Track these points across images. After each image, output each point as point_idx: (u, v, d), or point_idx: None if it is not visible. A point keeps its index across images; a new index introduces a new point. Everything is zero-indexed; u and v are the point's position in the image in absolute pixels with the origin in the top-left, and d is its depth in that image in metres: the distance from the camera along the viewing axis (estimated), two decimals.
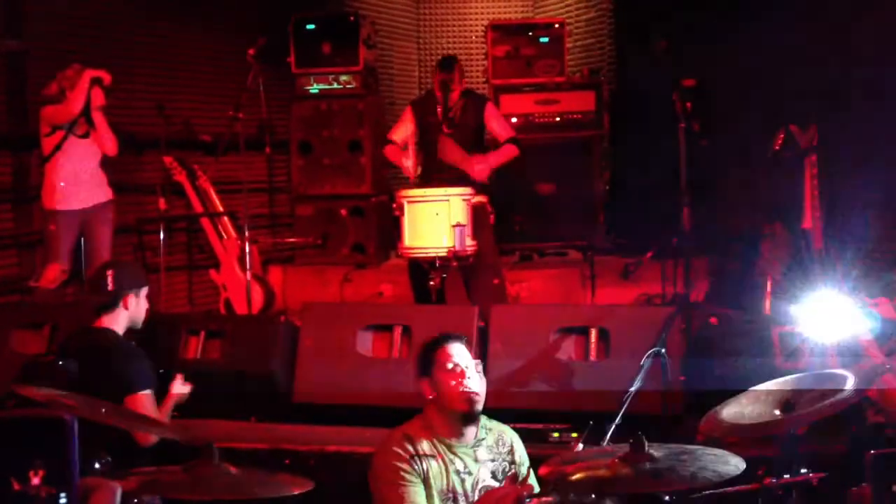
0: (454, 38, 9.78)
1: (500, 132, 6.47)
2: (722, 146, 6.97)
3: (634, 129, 7.95)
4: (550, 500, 3.16)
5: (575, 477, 3.18)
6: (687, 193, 5.75)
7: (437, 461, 3.38)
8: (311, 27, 7.97)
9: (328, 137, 8.01)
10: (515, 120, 7.76)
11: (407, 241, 5.69)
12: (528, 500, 3.20)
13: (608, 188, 8.11)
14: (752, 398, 3.32)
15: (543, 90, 8.05)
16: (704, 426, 3.21)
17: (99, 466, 3.58)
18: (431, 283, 5.65)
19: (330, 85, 8.00)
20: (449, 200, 5.60)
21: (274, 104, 7.50)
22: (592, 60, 8.94)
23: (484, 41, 8.35)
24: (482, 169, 6.17)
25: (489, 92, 7.99)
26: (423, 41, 9.82)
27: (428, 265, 5.69)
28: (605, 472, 3.16)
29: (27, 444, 2.55)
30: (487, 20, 8.76)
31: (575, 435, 4.63)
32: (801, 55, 6.77)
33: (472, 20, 9.71)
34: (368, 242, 7.96)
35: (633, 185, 7.96)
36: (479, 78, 8.61)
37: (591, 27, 9.06)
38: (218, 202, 7.12)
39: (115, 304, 4.28)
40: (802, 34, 6.76)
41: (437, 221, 5.60)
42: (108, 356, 4.14)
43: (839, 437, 3.92)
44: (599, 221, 7.96)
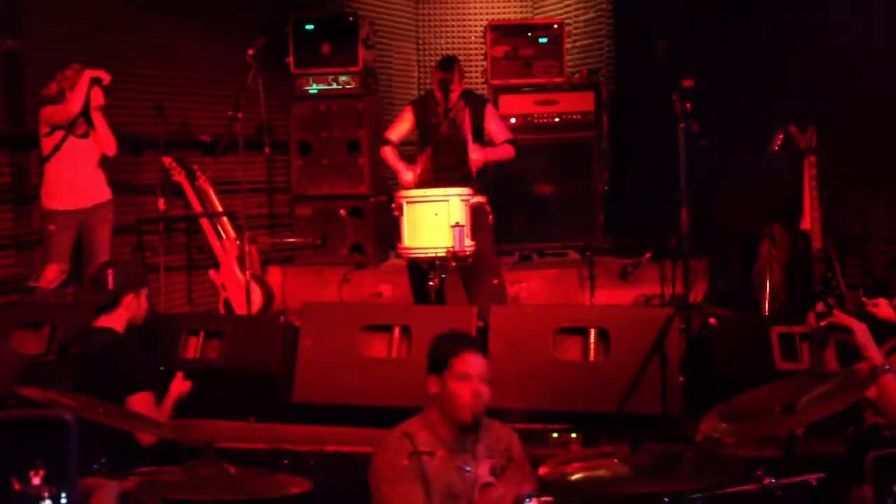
0: (453, 38, 9.78)
1: (497, 134, 6.48)
2: (721, 147, 6.98)
3: (633, 129, 7.96)
4: (550, 499, 3.16)
5: (574, 477, 3.19)
6: (686, 194, 5.75)
7: (436, 459, 3.38)
8: (310, 27, 7.97)
9: (327, 138, 8.01)
10: (514, 120, 7.76)
11: (406, 241, 5.69)
12: (527, 499, 3.20)
13: (607, 189, 8.10)
14: (751, 398, 3.32)
15: (542, 91, 8.05)
16: (704, 426, 3.22)
17: (99, 466, 3.59)
18: (430, 283, 5.65)
19: (329, 85, 8.01)
20: (448, 201, 5.61)
21: (273, 104, 7.50)
22: (591, 61, 8.94)
23: (483, 42, 8.34)
24: (478, 157, 6.19)
25: (488, 92, 7.99)
26: (422, 41, 9.82)
27: (427, 265, 5.69)
28: (604, 472, 3.17)
29: (27, 444, 2.54)
30: (486, 20, 8.75)
31: (574, 435, 4.65)
32: (801, 55, 6.78)
33: (471, 20, 9.71)
34: (367, 243, 7.96)
35: (632, 185, 7.97)
36: (478, 78, 8.61)
37: (590, 27, 9.07)
38: (217, 202, 7.11)
39: (114, 303, 4.28)
40: (802, 34, 6.77)
41: (436, 222, 5.59)
42: (108, 357, 4.14)
43: (838, 437, 3.92)
44: (598, 222, 7.95)
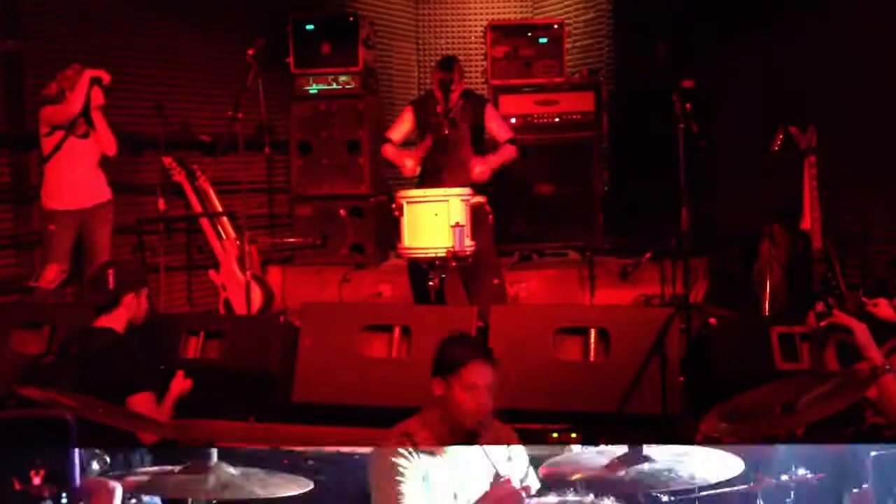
0: (453, 38, 9.78)
1: (499, 133, 6.47)
2: (721, 147, 6.98)
3: (633, 129, 7.95)
4: (549, 499, 3.17)
5: (574, 477, 3.20)
6: (686, 194, 5.75)
7: (436, 459, 3.39)
8: (310, 27, 7.97)
9: (327, 138, 8.00)
10: (514, 121, 7.75)
11: (406, 241, 5.69)
12: (527, 499, 3.21)
13: (607, 189, 8.10)
14: (751, 399, 3.33)
15: (542, 91, 8.05)
16: (704, 426, 3.22)
17: (99, 466, 3.59)
18: (430, 283, 5.65)
19: (329, 85, 8.00)
20: (448, 201, 5.60)
21: (273, 104, 7.50)
22: (591, 61, 8.93)
23: (483, 42, 8.34)
24: (482, 171, 6.17)
25: (488, 92, 7.98)
26: (422, 41, 9.82)
27: (427, 265, 5.69)
28: (604, 472, 3.18)
29: (28, 444, 2.55)
30: (486, 21, 8.74)
31: (574, 435, 4.65)
32: (800, 55, 6.78)
33: (471, 21, 9.71)
34: (367, 243, 7.95)
35: (632, 185, 7.97)
36: (478, 78, 8.61)
37: (590, 28, 9.06)
38: (217, 202, 7.11)
39: (115, 302, 4.29)
40: (802, 34, 6.77)
41: (436, 222, 5.59)
42: (108, 357, 4.14)
43: (838, 438, 3.92)
44: (598, 222, 7.95)
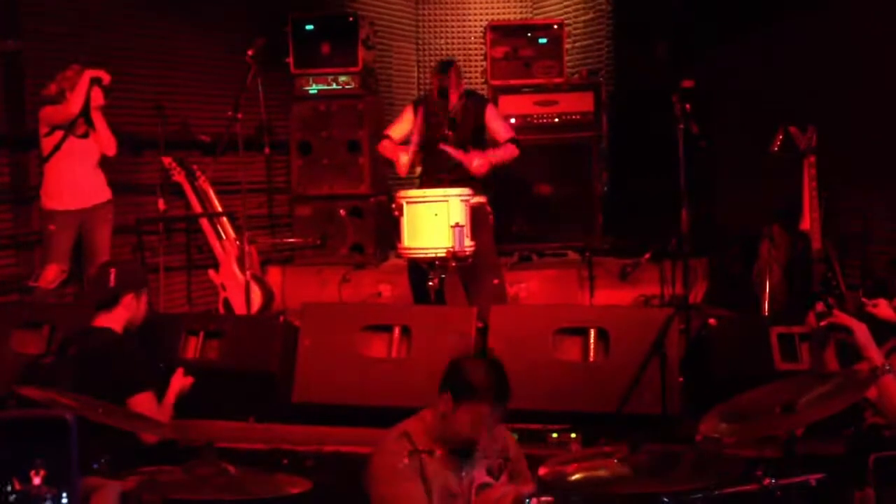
0: (453, 38, 9.78)
1: (500, 133, 6.45)
2: (720, 147, 6.99)
3: (633, 130, 7.96)
4: (549, 499, 3.16)
5: (574, 477, 3.19)
6: (685, 195, 5.75)
7: (434, 459, 3.39)
8: (309, 28, 7.97)
9: (327, 138, 8.01)
10: (514, 121, 7.75)
11: (406, 241, 5.69)
12: (527, 499, 3.20)
13: (607, 189, 8.11)
14: (750, 399, 3.33)
15: (542, 91, 8.05)
16: (704, 426, 3.22)
17: (99, 466, 3.59)
18: (430, 283, 5.65)
19: (329, 85, 8.00)
20: (448, 201, 5.61)
21: (273, 105, 7.50)
22: (591, 61, 8.93)
23: (483, 42, 8.33)
24: (480, 164, 6.14)
25: (488, 93, 7.98)
26: (421, 42, 9.82)
27: (427, 265, 5.70)
28: (603, 472, 3.18)
29: (27, 444, 2.54)
30: (486, 21, 8.75)
31: (574, 435, 4.65)
32: (800, 55, 6.78)
33: (470, 21, 9.71)
34: (367, 243, 7.95)
35: (631, 186, 7.97)
36: (477, 79, 8.61)
37: (589, 28, 9.06)
38: (217, 202, 7.11)
39: (114, 301, 4.29)
40: (802, 34, 6.78)
41: (435, 222, 5.60)
42: (108, 357, 4.14)
43: (837, 438, 3.93)
44: (598, 222, 7.95)
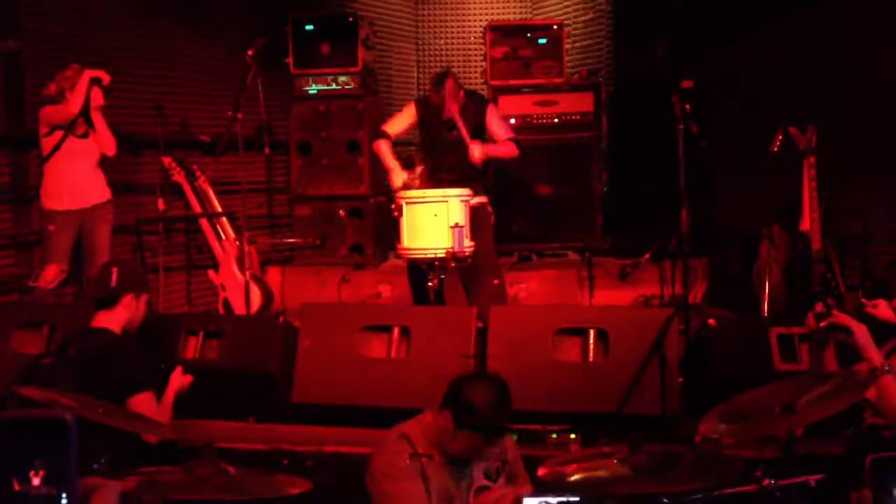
0: (453, 39, 9.78)
1: (499, 133, 6.44)
2: (720, 148, 6.99)
3: (633, 130, 7.95)
4: (549, 500, 3.16)
5: (573, 478, 3.19)
6: (685, 195, 5.75)
7: (433, 461, 3.39)
8: (309, 28, 7.97)
9: (327, 138, 8.01)
10: (514, 121, 7.75)
11: (405, 241, 5.69)
12: (524, 501, 3.20)
13: (606, 189, 8.11)
14: (750, 399, 3.33)
15: (542, 91, 8.05)
16: (703, 427, 3.22)
17: (98, 466, 3.59)
18: (430, 283, 5.65)
19: (328, 85, 8.00)
20: (447, 202, 5.61)
21: (273, 105, 7.50)
22: (591, 62, 8.94)
23: (482, 42, 8.33)
24: (479, 154, 6.13)
25: (488, 93, 7.98)
26: (421, 42, 9.82)
27: (426, 266, 5.70)
28: (603, 472, 3.18)
29: (27, 444, 2.54)
30: (486, 21, 8.75)
31: (574, 436, 4.65)
32: (800, 55, 6.79)
33: (470, 21, 9.71)
34: (367, 243, 7.95)
35: (631, 186, 7.97)
36: (477, 79, 8.61)
37: (589, 28, 9.07)
38: (216, 203, 7.11)
39: (114, 301, 4.29)
40: (802, 34, 6.78)
41: (435, 222, 5.60)
42: (107, 357, 4.14)
43: (837, 438, 3.93)
44: (598, 223, 7.95)
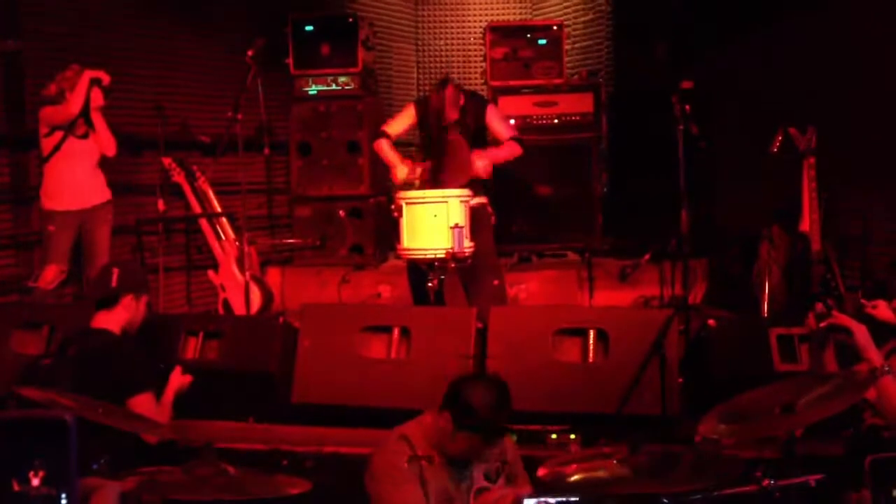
0: (452, 39, 9.78)
1: (501, 133, 6.42)
2: (720, 148, 6.99)
3: (633, 131, 7.96)
4: (549, 501, 3.16)
5: (573, 478, 3.19)
6: (685, 195, 5.75)
7: (432, 463, 3.39)
8: (309, 28, 7.97)
9: (327, 138, 8.01)
10: (514, 122, 7.75)
11: (405, 242, 5.69)
12: (524, 501, 3.21)
13: (606, 190, 8.11)
14: (750, 400, 3.33)
15: (542, 92, 8.04)
16: (703, 427, 3.22)
17: (98, 467, 3.59)
18: (430, 284, 5.65)
19: (328, 86, 8.00)
20: (447, 202, 5.60)
21: (273, 105, 7.49)
22: (591, 62, 8.94)
23: (482, 43, 8.33)
24: (484, 165, 6.13)
25: (487, 94, 7.98)
26: (421, 42, 9.82)
27: (426, 266, 5.69)
28: (603, 473, 3.18)
29: (27, 444, 2.54)
30: (486, 22, 8.75)
31: (573, 436, 4.65)
32: (800, 56, 6.79)
33: (470, 22, 9.71)
34: (367, 243, 7.95)
35: (631, 187, 7.97)
36: (477, 80, 8.62)
37: (589, 29, 9.07)
38: (216, 203, 7.11)
39: (114, 301, 4.30)
40: (802, 35, 6.78)
41: (435, 223, 5.59)
42: (107, 358, 4.14)
43: (837, 439, 3.93)
44: (597, 223, 7.95)
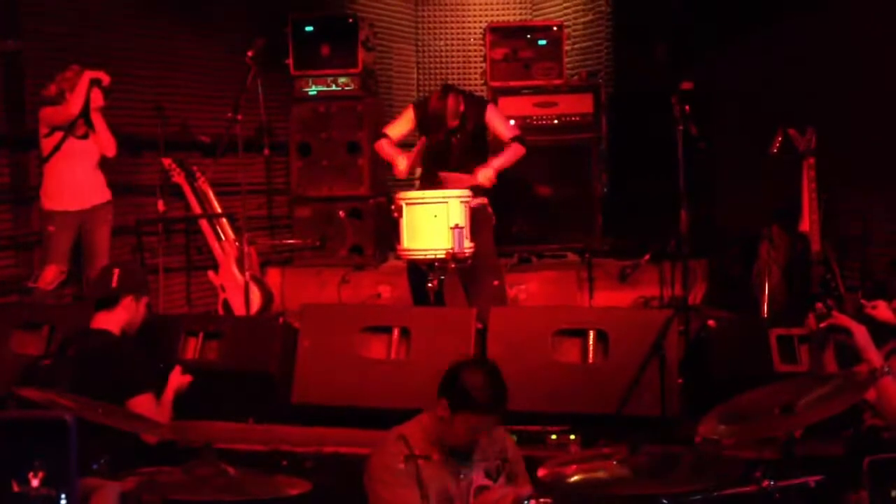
0: (452, 40, 9.78)
1: (503, 133, 6.41)
2: (720, 149, 6.99)
3: (632, 131, 7.95)
4: (548, 501, 3.17)
5: (573, 479, 3.20)
6: (685, 196, 5.76)
7: (432, 462, 3.39)
8: (309, 29, 7.97)
9: (327, 139, 8.00)
10: (513, 122, 7.75)
11: (405, 242, 5.69)
12: (526, 501, 3.21)
13: (606, 191, 8.10)
14: (750, 400, 3.33)
15: (541, 93, 8.04)
16: (703, 428, 3.22)
17: (98, 467, 3.59)
18: (430, 284, 5.65)
19: (328, 87, 8.00)
20: (447, 202, 5.60)
21: (273, 106, 7.50)
22: (590, 63, 8.94)
23: (482, 43, 8.33)
24: (488, 177, 6.09)
25: (487, 94, 7.98)
26: (421, 43, 9.82)
27: (426, 267, 5.69)
28: (603, 473, 3.18)
29: (27, 445, 2.54)
30: (486, 22, 8.74)
31: (573, 437, 4.65)
32: (800, 57, 6.79)
33: (470, 22, 9.70)
34: (367, 244, 7.95)
35: (631, 187, 7.97)
36: (477, 80, 8.62)
37: (589, 30, 9.06)
38: (216, 204, 7.11)
39: (114, 301, 4.30)
40: (801, 35, 6.78)
41: (435, 223, 5.59)
42: (107, 358, 4.15)
43: (836, 439, 3.93)
44: (597, 224, 7.95)
